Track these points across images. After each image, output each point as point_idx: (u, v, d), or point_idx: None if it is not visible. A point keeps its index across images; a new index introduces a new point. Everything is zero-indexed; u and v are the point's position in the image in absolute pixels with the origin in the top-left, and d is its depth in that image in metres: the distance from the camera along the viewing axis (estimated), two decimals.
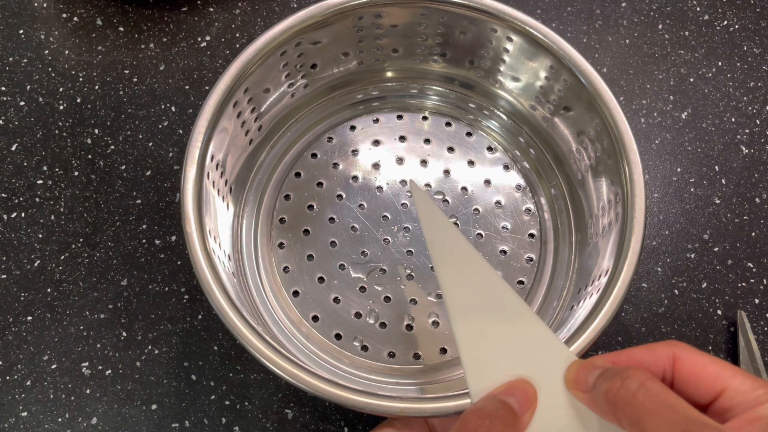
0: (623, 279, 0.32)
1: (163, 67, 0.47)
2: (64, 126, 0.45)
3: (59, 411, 0.38)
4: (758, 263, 0.44)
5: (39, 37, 0.48)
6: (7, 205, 0.43)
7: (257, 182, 0.42)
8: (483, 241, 0.41)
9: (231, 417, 0.39)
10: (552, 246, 0.41)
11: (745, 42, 0.51)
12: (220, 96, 0.35)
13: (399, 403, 0.29)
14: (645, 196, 0.34)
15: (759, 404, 0.22)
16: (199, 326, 0.40)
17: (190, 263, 0.42)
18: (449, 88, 0.45)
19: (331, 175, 0.42)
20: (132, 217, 0.43)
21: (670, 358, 0.24)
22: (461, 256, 0.28)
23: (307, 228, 0.41)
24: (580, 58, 0.37)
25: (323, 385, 0.29)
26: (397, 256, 0.40)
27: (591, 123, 0.37)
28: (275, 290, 0.39)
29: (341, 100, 0.44)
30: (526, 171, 0.43)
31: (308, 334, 0.38)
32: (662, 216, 0.45)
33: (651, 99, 0.48)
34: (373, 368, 0.38)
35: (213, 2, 0.50)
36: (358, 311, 0.39)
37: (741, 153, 0.47)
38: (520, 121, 0.44)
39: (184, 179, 0.33)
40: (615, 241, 0.34)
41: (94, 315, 0.40)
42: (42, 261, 0.42)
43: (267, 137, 0.42)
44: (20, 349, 0.40)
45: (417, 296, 0.39)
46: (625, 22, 0.51)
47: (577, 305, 0.35)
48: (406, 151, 0.43)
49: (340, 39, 0.40)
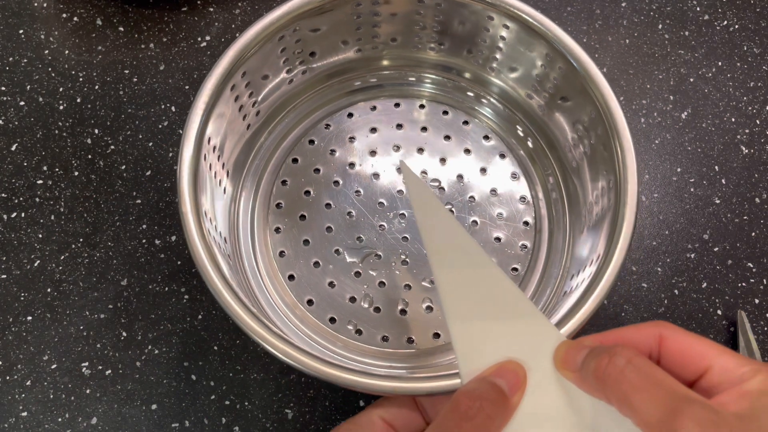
0: (614, 263, 0.32)
1: (163, 67, 0.47)
2: (64, 126, 0.45)
3: (59, 411, 0.38)
4: (758, 263, 0.44)
5: (39, 37, 0.48)
6: (7, 205, 0.43)
7: (255, 167, 0.42)
8: (478, 229, 0.41)
9: (231, 417, 0.39)
10: (546, 234, 0.41)
11: (745, 42, 0.51)
12: (218, 78, 0.35)
13: (390, 382, 0.29)
14: (637, 182, 0.34)
15: (744, 380, 0.22)
16: (199, 326, 0.40)
17: (190, 263, 0.42)
18: (447, 77, 0.45)
19: (328, 162, 0.42)
20: (132, 217, 0.43)
21: (656, 338, 0.24)
22: (452, 237, 0.28)
23: (303, 213, 0.41)
24: (573, 44, 0.37)
25: (315, 363, 0.29)
26: (393, 242, 0.40)
27: (585, 110, 0.38)
28: (271, 274, 0.40)
29: (339, 88, 0.45)
30: (521, 159, 0.43)
31: (303, 317, 0.39)
32: (662, 216, 0.45)
33: (651, 99, 0.48)
34: (367, 351, 0.38)
35: (213, 2, 0.50)
36: (353, 296, 0.39)
37: (741, 153, 0.47)
38: (517, 110, 0.44)
39: (181, 158, 0.33)
40: (608, 227, 0.34)
41: (94, 315, 0.40)
42: (42, 261, 0.42)
43: (265, 123, 0.43)
44: (20, 349, 0.40)
45: (411, 282, 0.40)
46: (625, 22, 0.51)
47: (569, 291, 0.36)
48: (403, 139, 0.43)
49: (339, 27, 0.41)
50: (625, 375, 0.21)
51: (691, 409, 0.20)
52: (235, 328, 0.40)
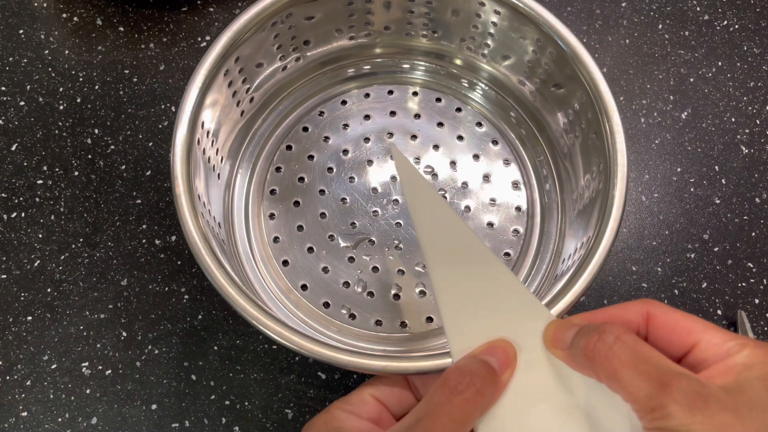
0: (604, 244, 0.32)
1: (163, 67, 0.47)
2: (64, 126, 0.45)
3: (59, 411, 0.38)
4: (758, 263, 0.44)
5: (39, 37, 0.48)
6: (7, 205, 0.43)
7: (249, 154, 0.42)
8: (471, 214, 0.41)
9: (231, 417, 0.39)
10: (538, 218, 0.42)
11: (745, 42, 0.51)
12: (212, 62, 0.36)
13: (381, 362, 0.29)
14: (627, 167, 0.34)
15: (731, 355, 0.22)
16: (199, 326, 0.40)
17: (190, 263, 0.42)
18: (440, 64, 0.45)
19: (322, 149, 0.43)
20: (132, 217, 0.43)
21: (643, 315, 0.24)
22: (442, 219, 0.28)
23: (297, 200, 0.41)
24: (564, 28, 0.37)
25: (307, 343, 0.30)
26: (386, 227, 0.41)
27: (576, 95, 0.38)
28: (265, 259, 0.40)
29: (333, 75, 0.45)
30: (514, 145, 0.44)
31: (297, 302, 0.39)
32: (662, 216, 0.45)
33: (651, 99, 0.48)
34: (361, 335, 0.38)
35: (213, 2, 0.50)
36: (347, 281, 0.39)
37: (741, 153, 0.47)
38: (509, 96, 0.44)
39: (174, 140, 0.34)
40: (598, 209, 0.35)
41: (94, 315, 0.40)
42: (42, 261, 0.42)
43: (259, 110, 0.43)
44: (20, 349, 0.40)
45: (404, 267, 0.40)
46: (625, 22, 0.51)
47: (561, 274, 0.36)
48: (396, 126, 0.44)
49: (332, 15, 0.41)
50: (613, 351, 0.22)
51: (679, 383, 0.20)
52: (235, 328, 0.40)
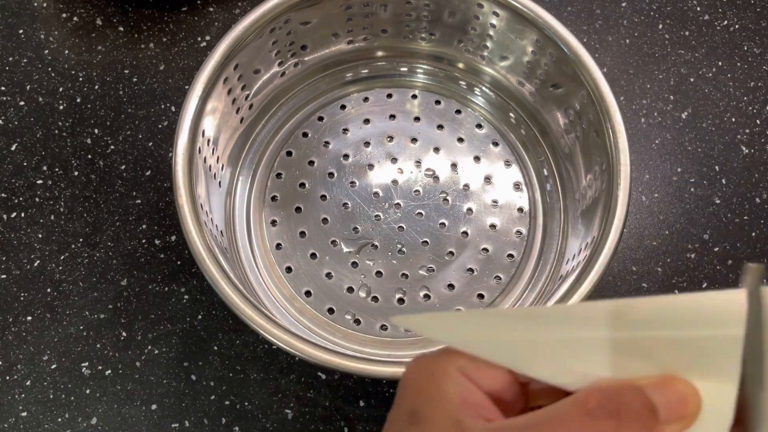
0: (609, 244, 0.33)
1: (163, 67, 0.47)
2: (64, 126, 0.45)
3: (59, 411, 0.38)
4: (758, 263, 0.44)
5: (39, 37, 0.48)
6: (7, 205, 0.43)
7: (249, 161, 0.43)
8: (473, 216, 0.41)
9: (231, 417, 0.39)
10: (541, 219, 0.42)
11: (746, 42, 0.51)
12: (211, 70, 0.36)
13: (390, 368, 0.30)
14: (630, 167, 0.34)
15: None
16: (199, 326, 0.40)
17: (190, 263, 0.42)
18: (438, 67, 0.45)
19: (323, 154, 0.43)
20: (132, 217, 0.43)
21: None
22: (497, 325, 0.21)
23: (299, 206, 0.41)
24: (563, 29, 0.38)
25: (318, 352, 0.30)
26: (388, 231, 0.41)
27: (576, 96, 0.38)
28: (268, 267, 0.40)
29: (331, 80, 0.45)
30: (514, 146, 0.44)
31: (301, 308, 0.39)
32: (662, 216, 0.45)
33: (651, 99, 0.48)
34: (366, 341, 0.38)
35: (213, 2, 0.50)
36: (351, 286, 0.39)
37: (741, 153, 0.47)
38: (509, 98, 0.44)
39: (176, 148, 0.34)
40: (602, 210, 0.35)
41: (94, 315, 0.40)
42: (42, 261, 0.42)
43: (258, 116, 0.43)
44: (20, 349, 0.40)
45: (408, 270, 0.40)
46: (625, 22, 0.51)
47: (565, 275, 0.36)
48: (396, 129, 0.44)
49: (330, 19, 0.41)
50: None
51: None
52: (235, 328, 0.40)
